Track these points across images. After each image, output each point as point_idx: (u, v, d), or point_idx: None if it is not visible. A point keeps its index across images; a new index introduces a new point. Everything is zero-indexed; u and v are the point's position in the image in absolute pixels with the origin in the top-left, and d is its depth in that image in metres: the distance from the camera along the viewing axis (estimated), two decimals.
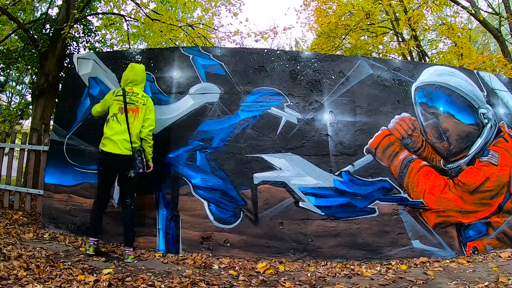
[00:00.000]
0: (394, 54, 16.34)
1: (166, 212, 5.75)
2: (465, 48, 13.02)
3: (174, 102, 6.02)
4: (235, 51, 6.29)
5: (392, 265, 5.30)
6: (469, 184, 6.03)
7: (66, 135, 6.34)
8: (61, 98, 7.40)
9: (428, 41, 19.54)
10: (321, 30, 15.63)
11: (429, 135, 6.04)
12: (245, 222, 5.61)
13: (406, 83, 6.19)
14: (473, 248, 5.91)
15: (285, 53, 6.24)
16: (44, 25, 12.83)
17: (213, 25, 15.27)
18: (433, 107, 6.16)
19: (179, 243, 5.66)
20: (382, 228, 5.63)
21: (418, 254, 5.64)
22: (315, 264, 5.34)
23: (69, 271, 4.24)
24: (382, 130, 5.90)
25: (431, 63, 11.92)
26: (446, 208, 5.86)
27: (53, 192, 6.28)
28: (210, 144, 5.80)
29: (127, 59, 6.33)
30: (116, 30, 15.95)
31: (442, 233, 5.82)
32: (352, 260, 5.49)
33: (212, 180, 5.73)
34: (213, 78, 6.03)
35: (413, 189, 5.82)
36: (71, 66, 6.71)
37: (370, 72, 6.14)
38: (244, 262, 5.29)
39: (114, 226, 5.80)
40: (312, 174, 5.70)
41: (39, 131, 9.27)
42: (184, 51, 6.24)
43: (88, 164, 6.12)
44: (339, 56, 7.15)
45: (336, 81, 6.04)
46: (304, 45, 27.78)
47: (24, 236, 5.76)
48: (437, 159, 6.00)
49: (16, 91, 20.97)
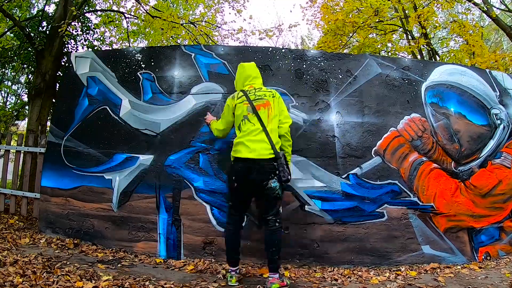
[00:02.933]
0: (404, 53, 16.28)
1: (167, 216, 5.74)
2: (477, 46, 12.97)
3: (176, 102, 6.02)
4: (239, 50, 6.30)
5: (401, 271, 5.28)
6: (481, 187, 6.02)
7: (63, 137, 6.34)
8: (59, 98, 7.46)
9: (438, 39, 19.49)
10: (327, 28, 15.58)
11: (439, 137, 6.03)
12: (249, 226, 5.60)
13: (416, 83, 6.19)
14: (485, 253, 5.90)
15: (290, 52, 6.25)
16: (41, 23, 12.93)
17: (216, 22, 15.29)
18: (444, 107, 6.15)
19: (180, 248, 5.66)
20: (391, 233, 5.63)
21: (428, 259, 5.62)
22: (322, 270, 5.33)
23: (67, 277, 4.25)
24: (391, 132, 5.90)
25: (441, 62, 11.91)
26: (457, 212, 5.85)
27: (50, 196, 6.28)
28: (213, 145, 5.80)
29: (127, 58, 6.34)
30: (115, 27, 16.02)
31: (453, 238, 5.81)
32: (360, 266, 5.48)
33: (215, 183, 5.72)
34: (216, 77, 6.04)
35: (423, 193, 5.81)
36: (68, 65, 6.73)
37: (378, 71, 6.13)
38: (248, 268, 5.29)
39: (114, 231, 5.83)
40: (318, 177, 5.70)
41: (35, 133, 9.33)
42: (185, 49, 6.25)
43: (86, 167, 6.12)
44: (347, 55, 7.16)
45: (343, 80, 6.04)
46: (310, 43, 27.75)
47: (20, 241, 5.77)
48: (448, 162, 5.99)
49: (12, 91, 21.06)
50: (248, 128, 4.71)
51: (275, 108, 4.84)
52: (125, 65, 6.26)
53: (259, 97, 4.86)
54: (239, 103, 4.87)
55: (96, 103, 6.27)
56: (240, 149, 4.66)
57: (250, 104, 4.80)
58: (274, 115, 4.80)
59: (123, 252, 5.69)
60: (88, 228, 5.99)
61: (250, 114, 4.77)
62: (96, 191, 6.02)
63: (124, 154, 5.99)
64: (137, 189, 5.88)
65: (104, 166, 6.06)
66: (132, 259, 5.43)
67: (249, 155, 4.58)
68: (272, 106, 4.82)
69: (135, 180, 5.89)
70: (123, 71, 6.28)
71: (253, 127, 4.70)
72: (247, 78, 5.11)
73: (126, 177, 5.92)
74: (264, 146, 4.60)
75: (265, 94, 4.90)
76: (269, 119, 4.76)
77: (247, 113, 4.78)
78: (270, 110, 4.80)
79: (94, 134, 6.16)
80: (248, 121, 4.75)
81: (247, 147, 4.61)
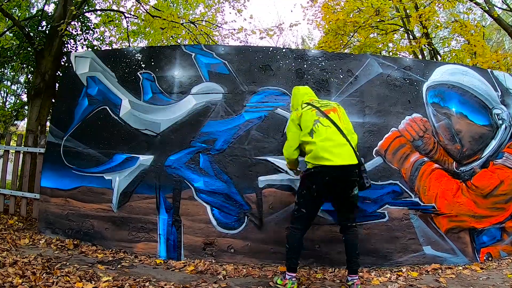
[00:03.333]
0: (405, 53, 16.31)
1: (167, 216, 5.76)
2: (479, 46, 12.97)
3: (176, 102, 6.03)
4: (239, 49, 6.29)
5: (402, 272, 5.28)
6: (483, 188, 6.03)
7: (63, 137, 6.36)
8: (58, 98, 7.45)
9: (440, 39, 19.47)
10: (328, 28, 15.59)
11: (441, 137, 6.04)
12: (250, 227, 5.62)
13: (417, 83, 6.18)
14: (487, 254, 5.91)
15: (291, 51, 6.24)
16: (40, 22, 12.95)
17: (216, 22, 15.31)
18: (445, 107, 6.16)
19: (180, 249, 5.67)
20: (392, 234, 5.63)
21: (429, 260, 5.63)
22: (323, 271, 5.34)
23: (66, 278, 4.27)
24: (392, 132, 5.90)
25: (443, 62, 11.90)
26: (458, 213, 5.86)
27: (49, 196, 6.30)
28: (213, 146, 5.81)
29: (127, 58, 6.35)
30: (115, 27, 16.07)
31: (455, 238, 5.82)
32: (361, 266, 5.44)
33: (215, 183, 5.74)
34: (216, 77, 6.04)
35: (424, 193, 5.81)
36: (68, 65, 6.75)
37: (379, 71, 6.13)
38: (249, 269, 5.29)
39: (114, 232, 5.85)
40: None
41: (35, 133, 9.35)
42: (186, 49, 6.25)
43: (86, 167, 6.14)
44: (348, 55, 7.15)
45: (344, 80, 6.04)
46: (311, 43, 27.78)
47: (19, 242, 5.79)
48: (450, 162, 6.00)
49: (11, 91, 21.05)
50: (325, 130, 4.43)
51: (344, 114, 4.75)
52: (125, 65, 6.28)
53: (324, 104, 4.73)
54: (306, 111, 4.65)
55: (96, 103, 6.29)
56: (323, 155, 4.30)
57: (318, 110, 4.60)
58: (344, 119, 4.66)
59: (123, 252, 5.70)
60: (88, 229, 6.00)
61: (321, 118, 4.51)
62: (96, 192, 6.04)
63: (124, 155, 6.00)
64: (137, 190, 5.89)
65: (104, 166, 6.07)
66: (132, 260, 5.44)
67: (337, 162, 4.27)
68: (340, 112, 4.72)
69: (135, 181, 5.91)
70: (123, 71, 6.29)
71: (330, 130, 4.43)
72: (304, 95, 4.99)
73: (126, 177, 5.94)
74: (348, 150, 4.38)
75: (329, 102, 4.83)
76: (341, 121, 4.57)
77: (318, 117, 4.52)
78: (340, 115, 4.65)
79: (94, 134, 6.17)
80: (321, 124, 4.46)
81: (331, 152, 4.30)
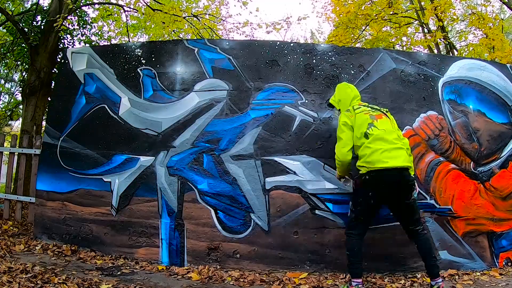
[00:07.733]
0: (419, 47, 16.25)
1: (170, 220, 5.76)
2: (497, 40, 12.93)
3: (178, 100, 6.03)
4: (245, 44, 6.29)
5: (417, 278, 5.27)
6: (502, 189, 6.00)
7: (59, 137, 6.38)
8: (54, 96, 7.46)
9: (456, 33, 19.48)
10: (339, 21, 15.61)
11: (457, 136, 6.01)
12: (256, 231, 5.61)
13: (432, 78, 6.17)
14: (506, 259, 5.88)
15: (299, 46, 6.23)
16: (35, 17, 12.97)
17: (220, 15, 15.35)
18: (462, 104, 6.14)
19: (184, 254, 5.67)
20: (406, 238, 5.58)
21: (446, 266, 5.59)
22: (333, 277, 5.32)
23: (64, 286, 4.28)
24: (407, 130, 5.87)
25: (459, 57, 11.89)
26: (476, 216, 5.83)
27: (45, 200, 6.31)
28: (218, 145, 5.81)
29: (126, 53, 6.36)
30: (114, 21, 16.06)
31: (472, 242, 5.79)
32: (373, 272, 5.45)
33: (220, 185, 5.73)
34: (221, 73, 6.03)
35: (440, 195, 5.79)
36: (64, 62, 6.76)
37: (393, 66, 6.12)
38: (256, 275, 5.28)
39: (114, 237, 5.86)
40: (329, 178, 5.69)
41: (30, 133, 9.39)
42: (188, 44, 6.25)
43: (84, 169, 6.15)
44: (359, 49, 7.12)
45: (355, 76, 6.03)
46: (320, 37, 27.87)
47: (14, 248, 5.82)
48: (467, 162, 5.97)
49: (5, 89, 21.16)
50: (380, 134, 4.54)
51: (393, 120, 4.91)
52: (125, 61, 6.29)
53: (374, 109, 4.88)
54: (359, 113, 4.76)
55: (94, 102, 6.30)
56: (379, 158, 4.42)
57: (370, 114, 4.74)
58: (394, 125, 4.83)
59: (123, 258, 5.71)
60: (86, 234, 6.02)
61: (375, 121, 4.65)
62: (94, 195, 6.05)
63: (124, 155, 6.01)
64: (137, 192, 5.90)
65: (103, 168, 6.08)
66: (132, 266, 5.45)
67: (393, 163, 4.37)
68: (390, 118, 4.90)
69: (135, 183, 5.91)
70: (122, 67, 6.30)
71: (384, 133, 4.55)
72: (355, 98, 5.14)
73: (126, 179, 5.94)
74: (403, 153, 4.52)
75: (378, 108, 4.98)
76: (392, 127, 4.75)
77: (372, 121, 4.65)
78: (389, 121, 4.82)
79: (92, 134, 6.18)
80: (376, 128, 4.59)
81: (386, 155, 4.40)
